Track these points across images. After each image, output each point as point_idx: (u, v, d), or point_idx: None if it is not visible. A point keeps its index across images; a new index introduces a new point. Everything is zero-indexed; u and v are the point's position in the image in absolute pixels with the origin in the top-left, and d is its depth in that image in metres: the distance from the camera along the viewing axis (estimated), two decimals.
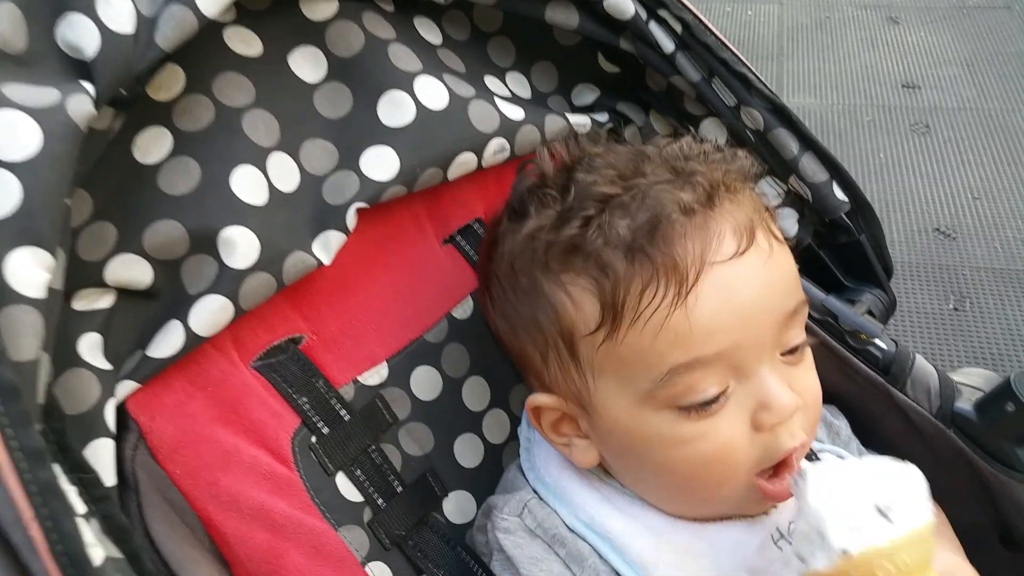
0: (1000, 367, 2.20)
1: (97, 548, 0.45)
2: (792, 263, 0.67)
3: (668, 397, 0.62)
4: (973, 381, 0.81)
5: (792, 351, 0.65)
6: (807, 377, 0.67)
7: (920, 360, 0.81)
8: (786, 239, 0.83)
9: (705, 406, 0.61)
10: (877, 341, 0.81)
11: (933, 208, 2.79)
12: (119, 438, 0.59)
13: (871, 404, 0.82)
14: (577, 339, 0.64)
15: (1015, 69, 3.47)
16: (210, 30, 0.62)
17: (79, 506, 0.47)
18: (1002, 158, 2.99)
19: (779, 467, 0.63)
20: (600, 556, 0.66)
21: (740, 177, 0.66)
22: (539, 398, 0.68)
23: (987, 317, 2.36)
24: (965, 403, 0.79)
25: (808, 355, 0.68)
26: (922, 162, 3.02)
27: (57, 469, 0.45)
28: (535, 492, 0.71)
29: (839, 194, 0.83)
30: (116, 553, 0.48)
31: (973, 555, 0.73)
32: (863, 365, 0.81)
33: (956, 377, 0.82)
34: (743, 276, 0.61)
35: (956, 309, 2.39)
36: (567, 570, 0.66)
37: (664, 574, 0.65)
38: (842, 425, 0.83)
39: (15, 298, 0.47)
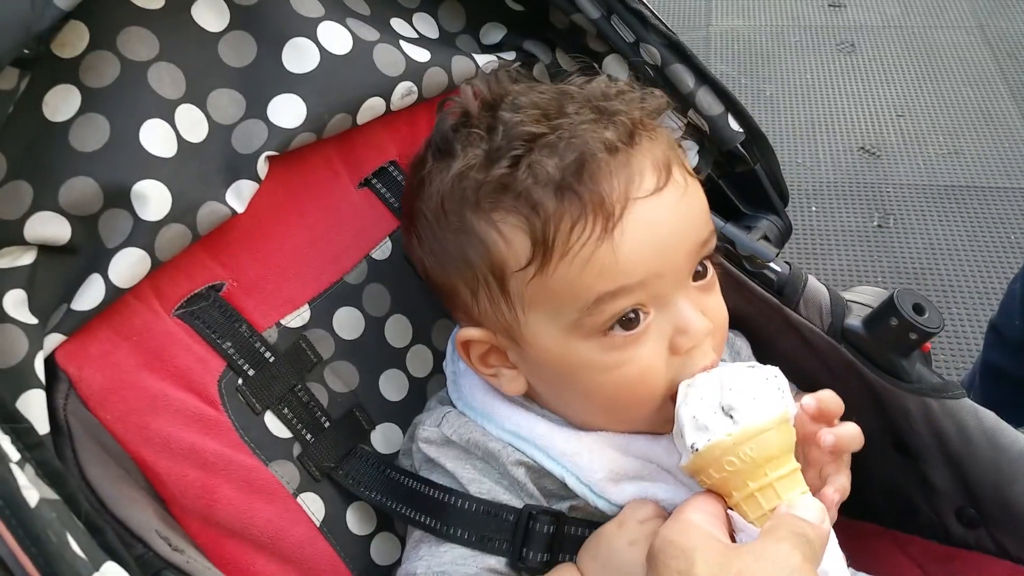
0: (923, 282, 2.29)
1: (31, 491, 0.49)
2: (703, 196, 0.71)
3: (594, 324, 0.66)
4: (863, 298, 0.86)
5: (700, 275, 0.70)
6: (716, 302, 0.72)
7: (812, 280, 0.86)
8: None
9: (625, 329, 0.66)
10: (772, 264, 0.85)
11: (858, 127, 2.85)
12: (51, 388, 0.62)
13: (768, 324, 0.88)
14: (508, 274, 0.67)
15: None
16: None
17: (13, 453, 0.50)
18: (925, 76, 3.06)
19: None
20: (524, 454, 0.71)
21: (655, 115, 0.70)
22: (468, 332, 0.72)
23: (910, 233, 2.45)
24: (855, 319, 0.84)
25: (716, 281, 0.73)
26: (847, 81, 3.07)
27: None
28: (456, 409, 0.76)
29: (734, 125, 0.87)
30: (52, 495, 0.52)
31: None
32: (759, 288, 0.86)
33: (847, 295, 0.87)
34: (662, 210, 0.65)
35: (880, 227, 2.47)
36: (487, 465, 0.72)
37: (586, 463, 0.70)
38: (743, 345, 0.89)
39: None
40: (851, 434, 0.71)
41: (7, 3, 0.56)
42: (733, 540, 0.62)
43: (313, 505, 0.74)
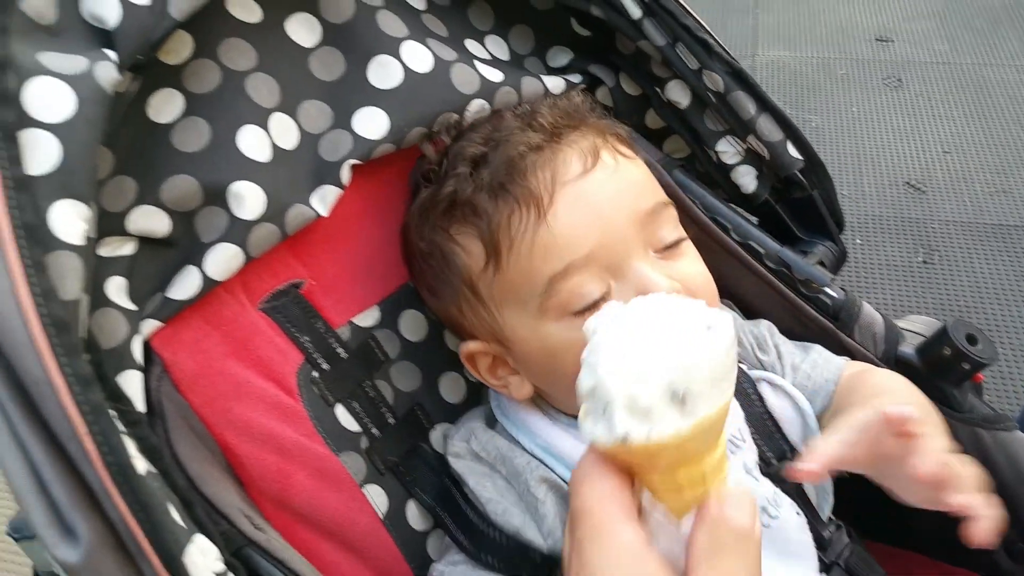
0: (968, 318, 2.28)
1: (139, 460, 0.53)
2: (642, 173, 0.76)
3: (558, 305, 0.70)
4: (916, 327, 0.88)
5: (668, 248, 0.73)
6: (689, 266, 0.74)
7: (867, 307, 0.88)
8: (744, 194, 0.91)
9: (593, 307, 0.69)
10: (827, 289, 0.88)
11: (904, 162, 2.85)
12: (146, 371, 0.66)
13: (820, 346, 0.89)
14: (475, 280, 0.73)
15: (986, 23, 3.51)
16: None
17: (120, 426, 0.54)
18: (973, 112, 3.05)
19: None
20: (552, 471, 0.74)
21: (578, 114, 0.76)
22: (468, 345, 0.78)
23: (955, 270, 2.44)
24: (908, 347, 0.86)
25: (689, 250, 0.75)
26: (894, 116, 3.07)
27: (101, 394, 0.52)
28: (486, 423, 0.80)
29: (793, 152, 0.90)
30: (152, 469, 0.56)
31: None
32: (814, 312, 0.88)
33: (900, 324, 0.89)
34: (592, 187, 0.71)
35: (925, 262, 2.47)
36: (509, 485, 0.75)
37: None
38: (768, 330, 0.88)
39: (60, 245, 0.53)
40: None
41: (130, 12, 0.60)
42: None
43: (378, 497, 0.77)
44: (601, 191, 0.71)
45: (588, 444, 0.50)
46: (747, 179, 0.93)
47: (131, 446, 0.53)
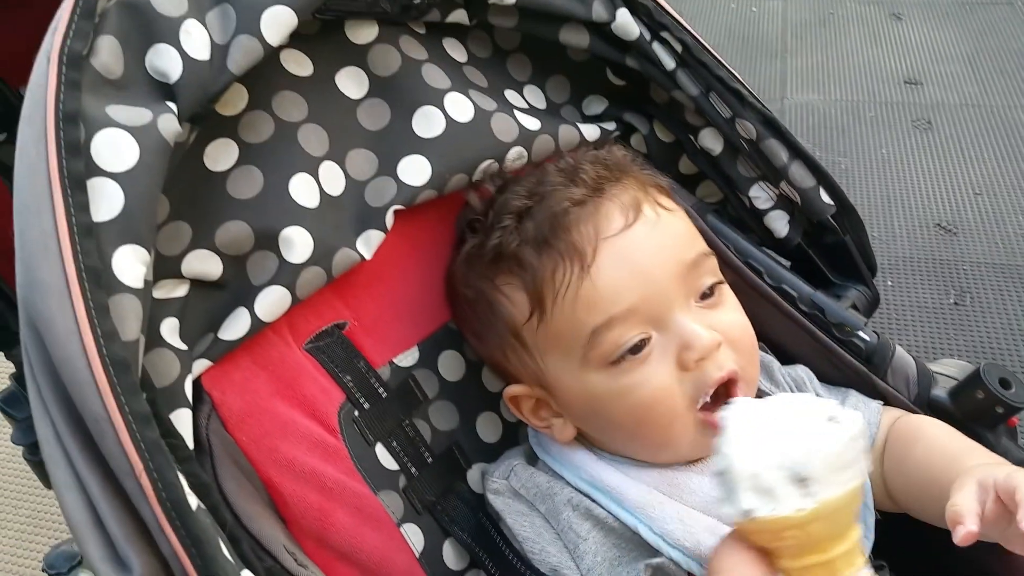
0: (999, 361, 2.26)
1: (192, 497, 0.55)
2: (683, 224, 0.78)
3: (600, 356, 0.72)
4: (949, 371, 0.89)
5: (707, 296, 0.75)
6: (728, 316, 0.76)
7: (900, 351, 0.89)
8: (777, 239, 0.92)
9: (633, 354, 0.71)
10: (860, 333, 0.88)
11: (935, 203, 2.84)
12: (195, 409, 0.68)
13: (856, 391, 0.90)
14: (520, 329, 0.76)
15: (1017, 65, 3.51)
16: (269, 53, 0.70)
17: (173, 463, 0.56)
18: (1003, 154, 3.04)
19: (719, 398, 0.71)
20: (601, 506, 0.75)
21: (620, 167, 0.78)
22: (512, 389, 0.80)
23: (987, 312, 2.41)
24: (941, 391, 0.86)
25: (729, 298, 0.78)
26: (924, 158, 3.07)
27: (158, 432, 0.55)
28: (531, 458, 0.81)
29: (825, 198, 0.91)
30: (202, 505, 0.58)
31: (946, 533, 0.73)
32: (847, 355, 0.89)
33: (933, 367, 0.89)
34: (634, 242, 0.73)
35: (956, 304, 2.45)
36: (547, 523, 0.76)
37: (658, 514, 0.73)
38: (805, 375, 0.89)
39: (122, 288, 0.56)
40: None
41: (191, 67, 0.64)
42: None
43: (414, 536, 0.79)
44: (642, 245, 0.73)
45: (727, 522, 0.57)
46: (779, 224, 0.94)
47: (183, 482, 0.55)
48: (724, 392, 0.72)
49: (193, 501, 0.54)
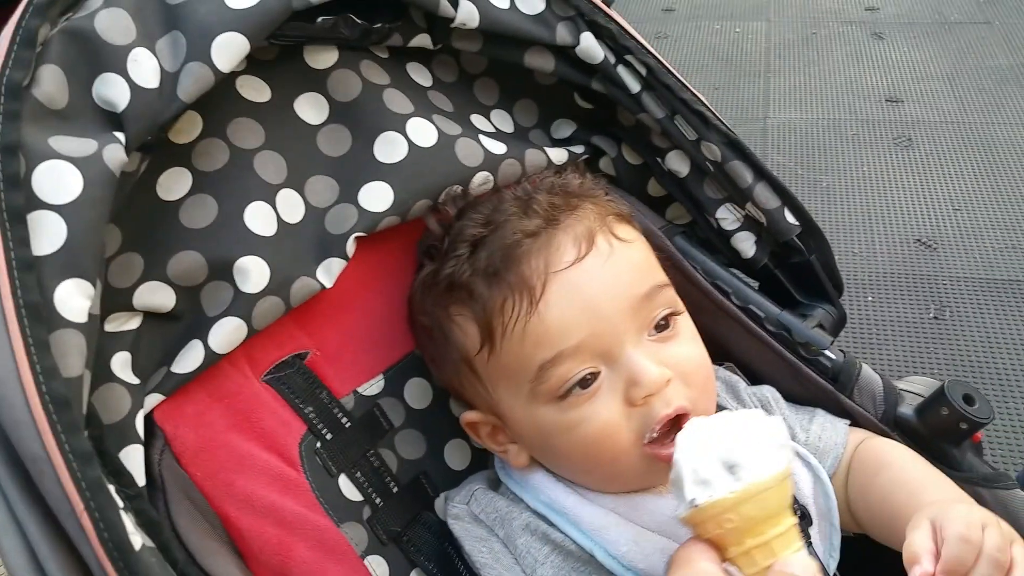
0: (980, 375, 2.27)
1: (136, 536, 0.53)
2: (639, 255, 0.77)
3: (547, 391, 0.72)
4: (915, 388, 0.88)
5: (662, 327, 0.74)
6: (682, 349, 0.75)
7: (866, 369, 0.88)
8: (744, 259, 0.92)
9: (582, 388, 0.71)
10: (827, 352, 0.88)
11: (914, 219, 2.86)
12: (147, 444, 0.66)
13: (823, 409, 0.90)
14: (472, 359, 0.75)
15: (995, 83, 3.55)
16: (224, 79, 0.69)
17: (119, 501, 0.54)
18: (982, 170, 3.07)
19: (667, 433, 0.71)
20: (558, 529, 0.74)
21: (576, 195, 0.77)
22: (469, 415, 0.80)
23: (966, 326, 2.42)
24: (907, 408, 0.86)
25: (684, 330, 0.76)
26: (904, 175, 3.09)
27: (100, 470, 0.53)
28: (494, 483, 0.81)
29: (790, 218, 0.91)
30: (150, 543, 0.56)
31: None
32: (814, 374, 0.89)
33: (900, 384, 0.89)
34: (585, 276, 0.72)
35: (936, 318, 2.46)
36: (505, 548, 0.76)
37: (613, 537, 0.73)
38: (771, 395, 0.89)
39: (63, 323, 0.55)
40: None
41: (139, 96, 0.63)
42: None
43: (379, 568, 0.77)
44: (593, 279, 0.72)
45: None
46: (746, 244, 0.94)
47: (129, 521, 0.54)
48: (674, 426, 0.70)
49: (137, 540, 0.53)
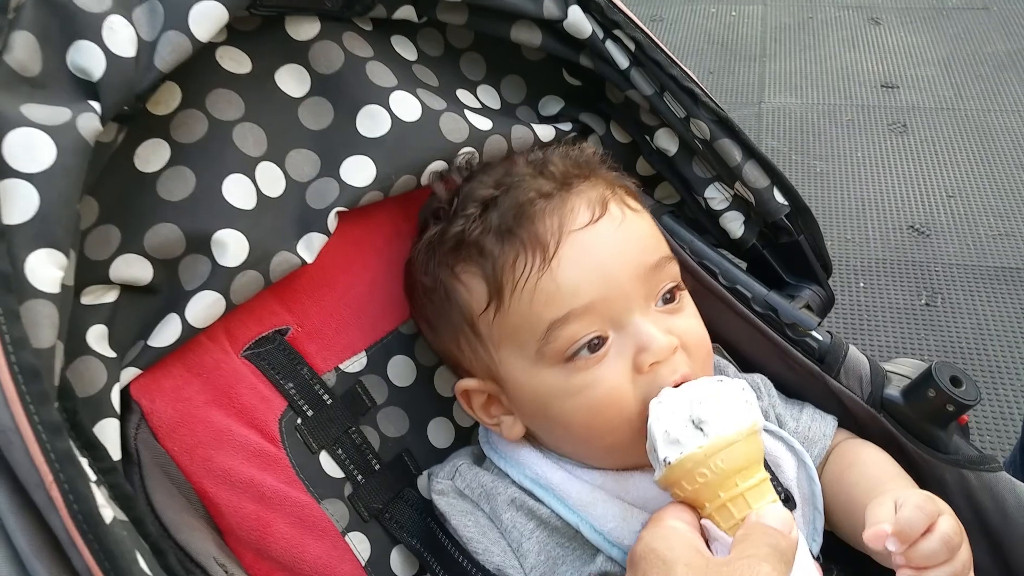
0: (970, 361, 2.27)
1: (107, 509, 0.52)
2: (648, 226, 0.77)
3: (554, 352, 0.71)
4: (903, 370, 0.88)
5: (668, 301, 0.74)
6: (686, 322, 0.76)
7: (853, 350, 0.88)
8: (733, 239, 0.91)
9: (590, 352, 0.70)
10: (814, 333, 0.87)
11: (908, 206, 2.85)
12: (123, 418, 0.66)
13: (809, 390, 0.89)
14: (476, 319, 0.74)
15: (991, 70, 3.53)
16: (204, 50, 0.68)
17: (91, 474, 0.54)
18: (977, 157, 3.06)
19: None
20: (545, 505, 0.74)
21: (589, 165, 0.78)
22: (464, 383, 0.78)
23: (958, 313, 2.43)
24: (894, 390, 0.85)
25: (687, 304, 0.77)
26: (899, 161, 3.08)
27: (71, 442, 0.52)
28: (478, 459, 0.81)
29: (779, 198, 0.90)
30: (123, 516, 0.55)
31: None
32: (800, 355, 0.88)
33: (887, 366, 0.88)
34: (599, 239, 0.72)
35: (928, 305, 2.46)
36: (491, 522, 0.75)
37: (599, 513, 0.73)
38: (762, 383, 0.90)
39: (35, 293, 0.54)
40: (929, 552, 0.68)
41: (115, 65, 0.62)
42: (708, 548, 0.65)
43: (360, 545, 0.77)
44: (606, 243, 0.72)
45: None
46: (735, 224, 0.93)
47: (101, 494, 0.53)
48: None
49: (108, 513, 0.52)
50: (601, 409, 0.71)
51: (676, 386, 0.70)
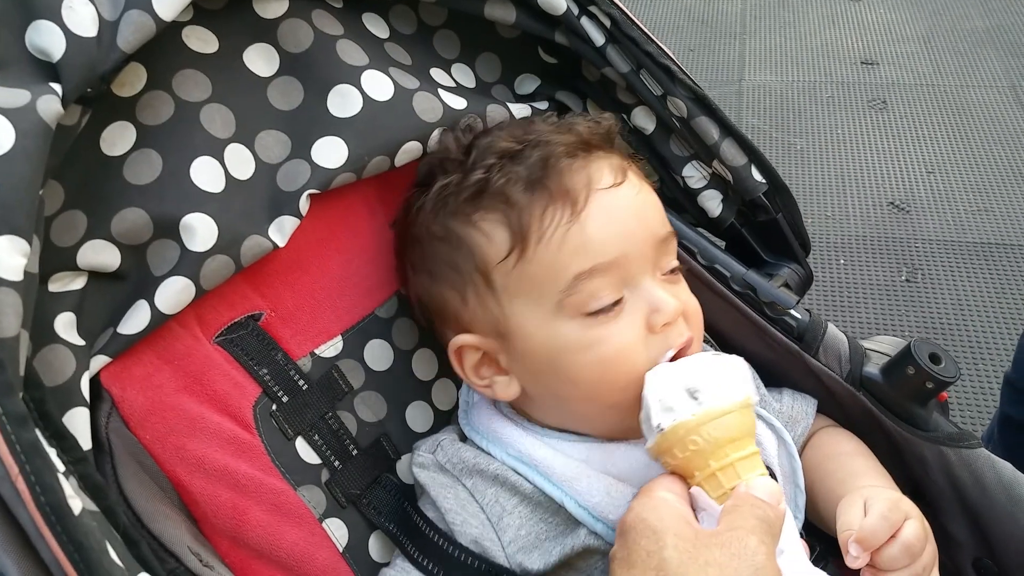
0: (950, 337, 2.29)
1: (75, 500, 0.51)
2: (657, 202, 0.80)
3: (575, 304, 0.71)
4: (882, 347, 0.88)
5: (669, 274, 0.77)
6: (687, 294, 0.78)
7: (832, 328, 0.88)
8: (711, 218, 0.91)
9: (607, 310, 0.71)
10: (792, 311, 0.87)
11: (888, 182, 2.87)
12: (94, 407, 0.65)
13: (788, 369, 0.89)
14: (491, 269, 0.73)
15: (970, 46, 3.55)
16: (169, 30, 0.67)
17: (59, 465, 0.53)
18: (956, 133, 3.07)
19: None
20: (528, 481, 0.74)
21: (610, 136, 0.79)
22: (461, 338, 0.77)
23: (938, 288, 2.44)
24: (873, 368, 0.85)
25: (683, 280, 0.79)
26: (879, 137, 3.09)
27: (38, 433, 0.51)
28: (461, 438, 0.80)
29: (757, 176, 0.90)
30: (93, 507, 0.54)
31: None
32: (779, 334, 0.88)
33: (866, 344, 0.88)
34: (622, 200, 0.74)
35: (908, 281, 2.47)
36: (471, 496, 0.75)
37: (584, 487, 0.72)
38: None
39: None
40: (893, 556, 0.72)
41: (75, 45, 0.60)
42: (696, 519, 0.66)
43: (338, 531, 0.76)
44: (629, 205, 0.74)
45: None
46: (713, 203, 0.92)
47: (70, 485, 0.52)
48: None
49: (77, 504, 0.51)
50: (612, 365, 0.72)
51: (674, 359, 0.72)
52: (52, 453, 0.53)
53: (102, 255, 0.66)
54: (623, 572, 0.61)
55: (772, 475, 0.79)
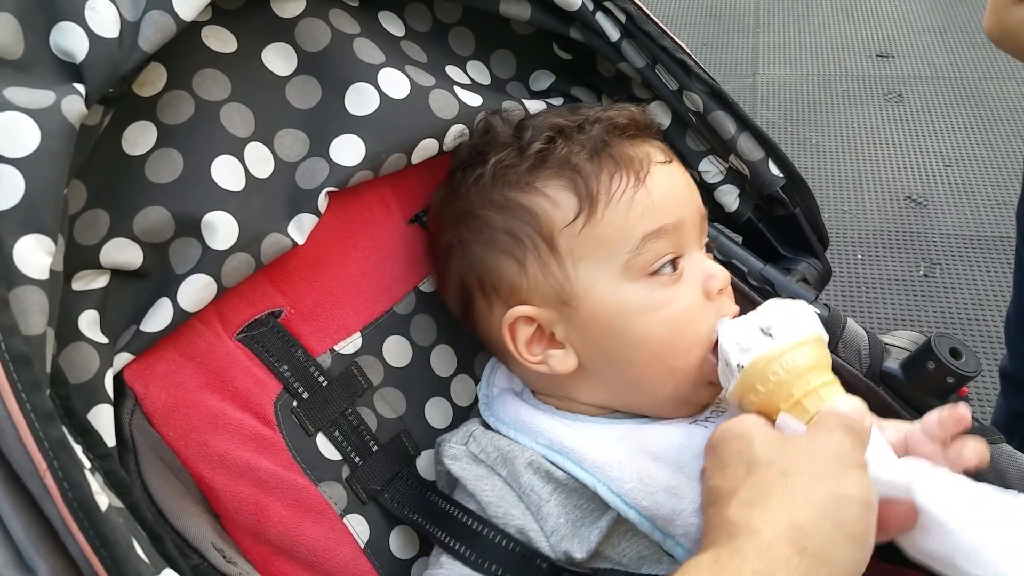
0: (969, 332, 2.27)
1: (102, 496, 0.52)
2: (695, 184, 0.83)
3: (642, 264, 0.74)
4: (901, 342, 0.88)
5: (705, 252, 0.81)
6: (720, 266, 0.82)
7: (851, 323, 0.87)
8: (728, 213, 0.91)
9: (671, 271, 0.75)
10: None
11: (905, 176, 2.85)
12: (117, 404, 0.65)
13: None
14: (556, 234, 0.75)
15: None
16: (189, 30, 0.67)
17: (85, 461, 0.53)
18: (974, 126, 3.05)
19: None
20: (561, 468, 0.73)
21: (651, 126, 0.82)
22: (518, 309, 0.77)
23: (956, 283, 2.43)
24: (892, 363, 0.85)
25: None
26: (895, 131, 3.07)
27: (65, 430, 0.52)
28: (484, 427, 0.80)
29: (774, 170, 0.90)
30: (118, 503, 0.55)
31: None
32: None
33: (886, 339, 0.88)
34: (674, 174, 0.79)
35: (926, 275, 2.46)
36: (508, 486, 0.75)
37: (617, 474, 0.72)
38: None
39: (23, 280, 0.53)
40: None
41: (98, 46, 0.61)
42: None
43: (358, 527, 0.77)
44: (680, 179, 0.79)
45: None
46: (730, 198, 0.93)
47: (96, 481, 0.53)
48: None
49: (103, 500, 0.52)
50: (680, 325, 0.75)
51: None
52: (78, 450, 0.53)
53: (124, 253, 0.67)
54: (716, 475, 0.65)
55: None
